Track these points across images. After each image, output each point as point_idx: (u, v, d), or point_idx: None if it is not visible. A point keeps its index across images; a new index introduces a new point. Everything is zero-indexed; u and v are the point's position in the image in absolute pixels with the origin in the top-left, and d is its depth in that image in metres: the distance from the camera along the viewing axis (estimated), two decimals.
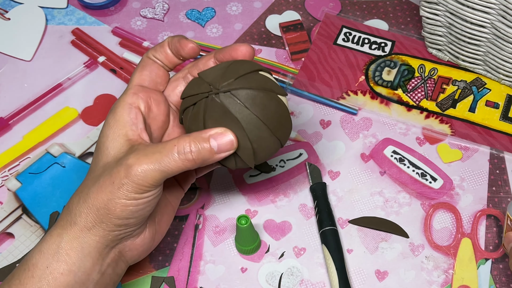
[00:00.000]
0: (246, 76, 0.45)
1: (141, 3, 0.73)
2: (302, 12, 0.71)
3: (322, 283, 0.53)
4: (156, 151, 0.42)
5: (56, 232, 0.44)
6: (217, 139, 0.43)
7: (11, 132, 0.63)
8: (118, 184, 0.42)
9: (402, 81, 0.64)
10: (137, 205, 0.43)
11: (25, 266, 0.43)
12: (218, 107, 0.44)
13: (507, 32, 0.55)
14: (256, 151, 0.45)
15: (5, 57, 0.68)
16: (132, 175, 0.42)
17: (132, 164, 0.42)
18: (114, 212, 0.43)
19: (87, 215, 0.43)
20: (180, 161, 0.42)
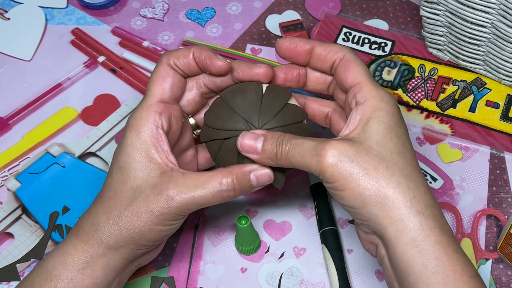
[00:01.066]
0: (282, 112, 0.46)
1: (141, 3, 0.73)
2: (302, 12, 0.71)
3: (322, 283, 0.53)
4: (198, 185, 0.43)
5: (81, 246, 0.44)
6: (257, 173, 0.45)
7: (10, 132, 0.63)
8: (157, 213, 0.43)
9: (402, 81, 0.64)
10: (171, 230, 0.45)
11: (46, 275, 0.44)
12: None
13: (507, 32, 0.55)
14: (285, 176, 0.48)
15: (5, 57, 0.68)
16: (173, 207, 0.43)
17: (174, 196, 0.43)
18: (148, 237, 0.44)
19: (117, 237, 0.44)
20: (222, 197, 0.44)
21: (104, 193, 0.45)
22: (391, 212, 0.39)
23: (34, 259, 0.55)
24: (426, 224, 0.39)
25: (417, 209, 0.39)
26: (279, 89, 0.48)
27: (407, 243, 0.39)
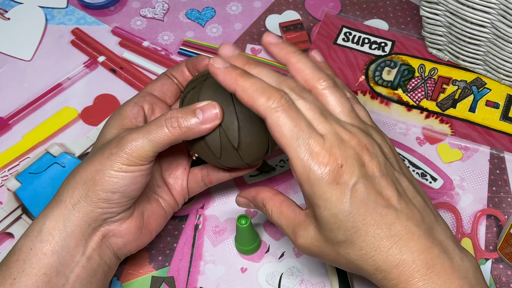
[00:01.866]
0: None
1: (141, 3, 0.73)
2: (302, 12, 0.71)
3: (322, 283, 0.53)
4: (146, 125, 0.44)
5: (41, 213, 0.45)
6: (204, 110, 0.44)
7: (10, 132, 0.63)
8: (107, 154, 0.43)
9: (402, 81, 0.64)
10: (123, 178, 0.43)
11: (11, 252, 0.44)
12: (215, 84, 0.46)
13: (507, 32, 0.55)
14: (241, 140, 0.46)
15: (5, 57, 0.68)
16: (122, 145, 0.43)
17: (124, 136, 0.44)
18: (100, 183, 0.43)
19: (73, 190, 0.44)
20: (168, 130, 0.43)
21: None
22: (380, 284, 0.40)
23: None
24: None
25: (381, 278, 0.39)
26: None
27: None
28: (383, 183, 0.39)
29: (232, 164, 0.48)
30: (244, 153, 0.47)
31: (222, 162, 0.48)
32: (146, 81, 0.66)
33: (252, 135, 0.47)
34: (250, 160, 0.48)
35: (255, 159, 0.49)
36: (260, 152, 0.48)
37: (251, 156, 0.48)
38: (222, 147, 0.47)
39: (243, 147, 0.47)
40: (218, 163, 0.49)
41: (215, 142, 0.46)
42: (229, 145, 0.46)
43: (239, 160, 0.48)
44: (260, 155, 0.49)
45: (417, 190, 0.41)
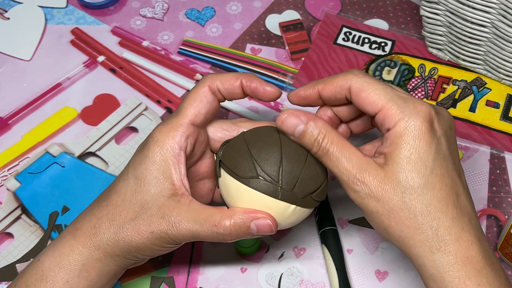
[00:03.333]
0: (302, 179, 0.44)
1: (141, 3, 0.72)
2: (302, 12, 0.71)
3: (322, 283, 0.53)
4: (197, 221, 0.43)
5: (77, 249, 0.44)
6: (258, 224, 0.43)
7: (10, 132, 0.63)
8: (157, 235, 0.43)
9: (402, 81, 0.64)
10: (167, 251, 0.46)
11: (41, 276, 0.44)
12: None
13: (507, 31, 0.55)
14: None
15: (5, 56, 0.68)
16: (171, 233, 0.43)
17: (174, 224, 0.43)
18: (143, 253, 0.45)
19: (115, 246, 0.44)
20: (216, 238, 0.43)
21: (112, 197, 0.45)
22: (412, 249, 0.40)
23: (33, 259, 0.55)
24: (445, 261, 0.38)
25: (436, 247, 0.39)
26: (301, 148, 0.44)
27: (428, 277, 0.39)
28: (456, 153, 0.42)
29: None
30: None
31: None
32: (146, 81, 0.66)
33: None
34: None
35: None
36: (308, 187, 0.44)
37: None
38: None
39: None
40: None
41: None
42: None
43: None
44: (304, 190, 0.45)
45: None
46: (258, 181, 0.43)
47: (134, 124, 0.63)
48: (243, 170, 0.43)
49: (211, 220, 0.43)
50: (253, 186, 0.43)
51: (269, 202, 0.43)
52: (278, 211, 0.43)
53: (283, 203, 0.43)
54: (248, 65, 0.66)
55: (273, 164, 0.43)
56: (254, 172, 0.43)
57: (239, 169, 0.43)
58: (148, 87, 0.65)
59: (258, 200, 0.43)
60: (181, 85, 0.65)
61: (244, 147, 0.44)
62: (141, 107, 0.63)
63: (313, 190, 0.44)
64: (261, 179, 0.43)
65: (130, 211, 0.44)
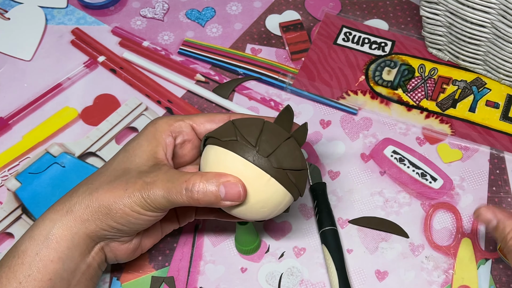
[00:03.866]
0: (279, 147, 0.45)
1: (141, 3, 0.73)
2: (302, 12, 0.71)
3: (322, 283, 0.53)
4: (170, 180, 0.44)
5: (49, 217, 0.45)
6: (227, 187, 0.43)
7: (10, 132, 0.63)
8: (129, 192, 0.44)
9: (402, 81, 0.64)
10: (136, 218, 0.45)
11: (14, 253, 0.44)
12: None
13: (507, 32, 0.55)
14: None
15: (5, 57, 0.68)
16: (144, 191, 0.43)
17: (149, 183, 0.44)
18: (114, 215, 0.44)
19: (86, 207, 0.44)
20: (186, 197, 0.43)
21: (98, 169, 0.47)
22: None
23: None
24: None
25: None
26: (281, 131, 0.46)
27: None
28: None
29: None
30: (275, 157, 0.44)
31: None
32: (146, 81, 0.66)
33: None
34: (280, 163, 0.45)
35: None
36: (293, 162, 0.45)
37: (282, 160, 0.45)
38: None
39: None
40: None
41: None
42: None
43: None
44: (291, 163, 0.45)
45: None
46: (235, 143, 0.44)
47: (135, 124, 0.63)
48: (223, 135, 0.45)
49: (183, 178, 0.43)
50: (230, 148, 0.44)
51: (243, 167, 0.44)
52: (251, 179, 0.44)
53: (257, 169, 0.43)
54: (248, 65, 0.66)
55: (253, 133, 0.44)
56: (234, 136, 0.44)
57: (219, 135, 0.45)
58: (149, 87, 0.65)
59: (233, 165, 0.44)
60: (181, 85, 0.65)
61: (230, 123, 0.46)
62: (141, 107, 0.63)
63: (289, 167, 0.44)
64: (238, 142, 0.44)
65: (111, 176, 0.45)
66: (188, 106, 0.64)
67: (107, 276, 0.54)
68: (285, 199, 0.45)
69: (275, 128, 0.46)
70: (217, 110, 0.64)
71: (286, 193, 0.45)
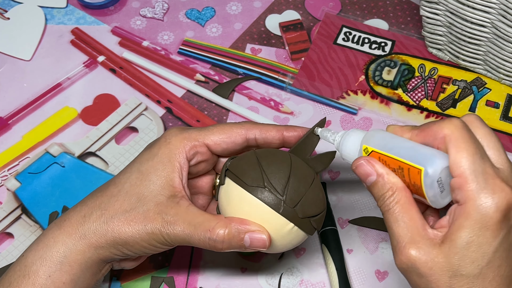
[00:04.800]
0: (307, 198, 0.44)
1: (141, 3, 0.72)
2: (302, 12, 0.71)
3: (322, 283, 0.53)
4: (192, 223, 0.43)
5: (61, 239, 0.44)
6: (253, 237, 0.43)
7: (10, 132, 0.63)
8: (149, 230, 0.43)
9: (402, 81, 0.64)
10: (152, 250, 0.45)
11: (24, 272, 0.43)
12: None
13: (507, 31, 0.55)
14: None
15: (5, 56, 0.68)
16: (164, 232, 0.43)
17: (170, 223, 0.43)
18: (130, 247, 0.44)
19: (102, 236, 0.44)
20: (208, 245, 0.43)
21: (109, 188, 0.45)
22: None
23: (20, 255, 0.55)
24: None
25: None
26: (311, 173, 0.45)
27: None
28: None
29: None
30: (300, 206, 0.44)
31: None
32: (146, 81, 0.66)
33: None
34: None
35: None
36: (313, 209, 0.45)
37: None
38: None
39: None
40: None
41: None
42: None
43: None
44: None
45: None
46: (263, 191, 0.43)
47: (134, 124, 0.63)
48: (250, 178, 0.43)
49: (206, 225, 0.43)
50: (257, 195, 0.43)
51: (269, 216, 0.43)
52: (276, 227, 0.43)
53: (283, 219, 0.43)
54: (248, 65, 0.66)
55: (281, 179, 0.43)
56: (261, 181, 0.43)
57: (246, 177, 0.44)
58: (148, 87, 0.65)
59: (259, 212, 0.43)
60: (181, 85, 0.65)
61: (254, 159, 0.45)
62: (141, 107, 0.63)
63: (313, 214, 0.44)
64: (266, 189, 0.43)
65: (126, 202, 0.44)
66: (188, 106, 0.64)
67: (107, 276, 0.54)
68: (303, 240, 0.46)
69: (302, 168, 0.45)
70: (217, 110, 0.63)
71: (305, 235, 0.45)
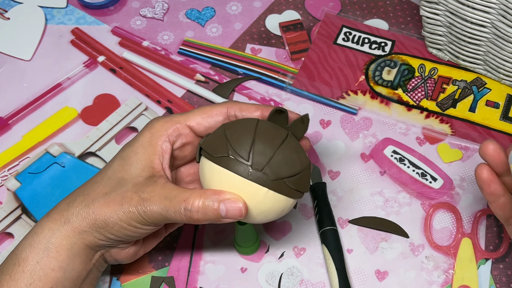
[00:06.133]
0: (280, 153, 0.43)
1: (141, 3, 0.72)
2: (302, 12, 0.71)
3: (322, 283, 0.53)
4: (168, 197, 0.43)
5: (47, 225, 0.45)
6: (227, 205, 0.43)
7: (10, 132, 0.63)
8: (125, 208, 0.43)
9: (402, 81, 0.64)
10: (133, 232, 0.44)
11: (15, 260, 0.44)
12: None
13: (507, 31, 0.55)
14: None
15: (5, 56, 0.68)
16: (140, 207, 0.43)
17: (145, 199, 0.43)
18: (110, 228, 0.44)
19: (83, 219, 0.44)
20: (184, 217, 0.43)
21: (94, 177, 0.47)
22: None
23: None
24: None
25: None
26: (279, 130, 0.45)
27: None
28: None
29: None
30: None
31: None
32: (146, 81, 0.66)
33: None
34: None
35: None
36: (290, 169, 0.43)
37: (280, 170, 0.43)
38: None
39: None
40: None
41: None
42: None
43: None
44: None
45: None
46: (228, 160, 0.43)
47: (134, 124, 0.63)
48: (216, 150, 0.44)
49: (181, 197, 0.43)
50: (223, 165, 0.43)
51: (239, 183, 0.42)
52: (249, 194, 0.43)
53: (254, 184, 0.42)
54: (248, 65, 0.66)
55: (245, 144, 0.43)
56: (225, 151, 0.43)
57: (213, 149, 0.44)
58: (148, 87, 0.65)
59: (229, 181, 0.43)
60: (181, 85, 0.65)
61: (221, 130, 0.45)
62: (141, 107, 0.63)
63: (287, 175, 0.43)
64: (231, 157, 0.43)
65: (107, 186, 0.45)
66: (188, 106, 0.64)
67: (107, 276, 0.54)
68: (287, 205, 0.44)
69: (269, 130, 0.44)
70: None
71: (287, 200, 0.44)
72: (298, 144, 0.45)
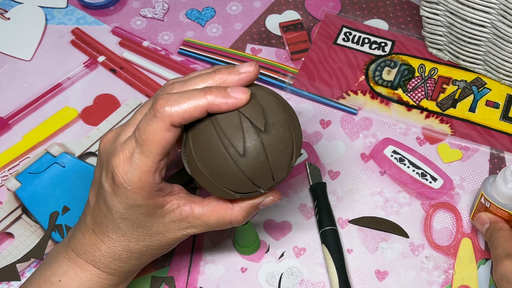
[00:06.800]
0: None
1: (141, 3, 0.73)
2: (302, 12, 0.71)
3: (322, 283, 0.53)
4: (210, 225, 0.46)
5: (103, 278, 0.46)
6: (264, 202, 0.45)
7: (10, 132, 0.63)
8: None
9: (402, 81, 0.64)
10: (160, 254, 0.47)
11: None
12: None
13: (507, 31, 0.55)
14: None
15: (5, 56, 0.68)
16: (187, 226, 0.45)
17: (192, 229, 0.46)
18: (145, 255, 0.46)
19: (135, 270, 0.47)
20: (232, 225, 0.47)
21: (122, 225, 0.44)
22: None
23: (34, 259, 0.55)
24: None
25: None
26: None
27: None
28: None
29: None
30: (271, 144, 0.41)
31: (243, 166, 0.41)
32: (146, 81, 0.66)
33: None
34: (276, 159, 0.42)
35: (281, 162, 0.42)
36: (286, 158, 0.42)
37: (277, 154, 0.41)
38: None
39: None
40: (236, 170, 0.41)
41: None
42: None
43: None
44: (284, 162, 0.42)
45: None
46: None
47: None
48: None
49: (225, 221, 0.46)
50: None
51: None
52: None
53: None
54: None
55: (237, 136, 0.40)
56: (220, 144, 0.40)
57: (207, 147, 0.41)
58: (148, 87, 0.65)
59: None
60: None
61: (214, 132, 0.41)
62: None
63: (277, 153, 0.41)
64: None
65: (141, 239, 0.45)
66: None
67: None
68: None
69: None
70: None
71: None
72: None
